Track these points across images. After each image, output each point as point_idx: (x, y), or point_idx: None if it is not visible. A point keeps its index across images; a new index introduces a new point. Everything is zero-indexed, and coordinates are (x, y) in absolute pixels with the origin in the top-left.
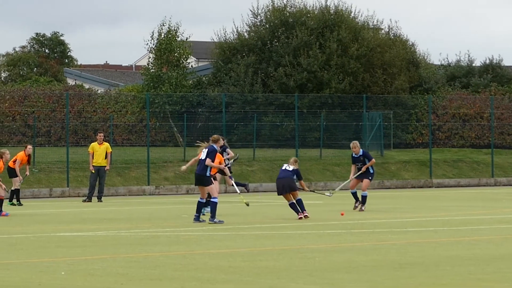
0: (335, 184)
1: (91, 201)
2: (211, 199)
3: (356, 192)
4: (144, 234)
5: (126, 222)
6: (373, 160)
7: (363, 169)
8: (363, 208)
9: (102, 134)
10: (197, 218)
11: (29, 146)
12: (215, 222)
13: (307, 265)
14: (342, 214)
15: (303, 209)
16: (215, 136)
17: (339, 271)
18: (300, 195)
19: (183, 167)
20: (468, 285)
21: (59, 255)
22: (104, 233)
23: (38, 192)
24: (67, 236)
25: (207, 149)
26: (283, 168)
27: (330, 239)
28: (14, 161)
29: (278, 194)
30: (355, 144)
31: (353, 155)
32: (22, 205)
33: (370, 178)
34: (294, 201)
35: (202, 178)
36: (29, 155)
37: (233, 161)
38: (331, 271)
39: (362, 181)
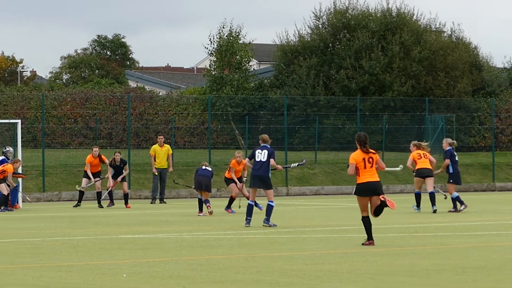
0: (397, 187)
1: (154, 203)
2: (270, 202)
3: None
4: (206, 237)
5: (188, 225)
6: (447, 160)
7: (442, 169)
8: (461, 208)
9: (162, 137)
10: (249, 222)
11: (95, 148)
12: (270, 226)
13: (369, 269)
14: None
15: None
16: (266, 136)
17: (401, 275)
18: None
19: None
20: None
21: (121, 257)
22: (166, 235)
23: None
24: (129, 238)
25: (266, 150)
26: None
27: (392, 242)
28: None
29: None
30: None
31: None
32: (102, 207)
33: (450, 180)
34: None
35: (266, 180)
36: (99, 156)
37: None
38: (393, 274)
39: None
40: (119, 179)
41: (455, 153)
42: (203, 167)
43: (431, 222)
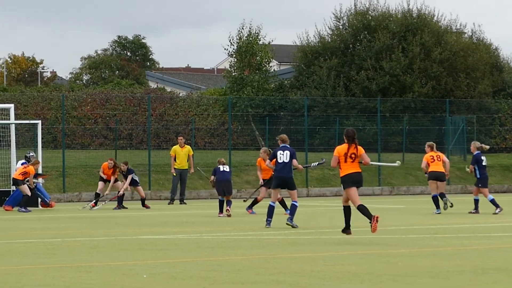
0: (417, 188)
1: (172, 204)
2: (294, 202)
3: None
4: (226, 238)
5: (208, 225)
6: (471, 167)
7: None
8: (497, 211)
9: (182, 138)
10: (269, 223)
11: (110, 161)
12: (293, 226)
13: (390, 270)
14: None
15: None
16: (285, 136)
17: (423, 276)
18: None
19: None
20: None
21: (141, 258)
22: (186, 236)
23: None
24: (149, 239)
25: (287, 151)
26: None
27: (413, 243)
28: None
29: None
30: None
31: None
32: (126, 208)
33: (479, 184)
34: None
35: (290, 181)
36: (114, 167)
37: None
38: (414, 276)
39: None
40: (121, 192)
41: (483, 158)
42: (221, 169)
43: (451, 223)
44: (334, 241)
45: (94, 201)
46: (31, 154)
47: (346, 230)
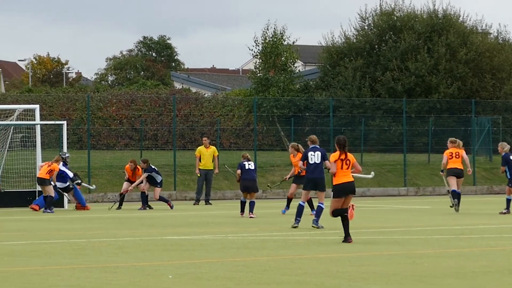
0: (443, 189)
1: (197, 204)
2: (320, 204)
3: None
4: (252, 238)
5: (233, 226)
6: (502, 168)
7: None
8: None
9: (206, 138)
10: (298, 222)
11: (130, 163)
12: (318, 227)
13: (416, 271)
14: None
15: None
16: (314, 136)
17: (449, 277)
18: None
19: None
20: None
21: (166, 259)
22: (211, 236)
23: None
24: (175, 239)
25: (318, 152)
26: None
27: (438, 244)
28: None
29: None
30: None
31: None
32: (152, 208)
33: (509, 184)
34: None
35: (321, 182)
36: (134, 169)
37: None
38: (440, 276)
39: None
40: (132, 187)
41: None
42: (246, 166)
43: (477, 224)
44: (359, 242)
45: (118, 202)
46: (67, 155)
47: (346, 238)
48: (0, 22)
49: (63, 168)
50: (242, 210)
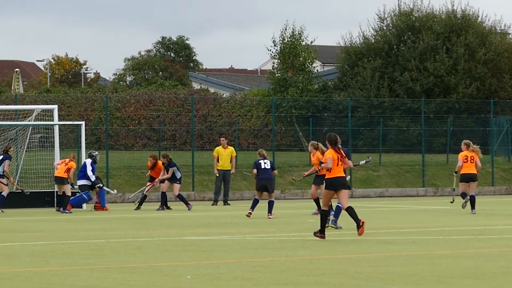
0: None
1: (216, 205)
2: (339, 205)
3: None
4: (270, 239)
5: (251, 227)
6: None
7: None
8: None
9: (224, 138)
10: (334, 222)
11: (150, 158)
12: (336, 227)
13: (434, 271)
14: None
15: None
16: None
17: (467, 277)
18: None
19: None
20: None
21: (184, 259)
22: (229, 237)
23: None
24: (193, 240)
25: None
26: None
27: (457, 245)
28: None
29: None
30: None
31: None
32: (170, 208)
33: None
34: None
35: (346, 182)
36: (154, 163)
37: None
38: (459, 277)
39: None
40: (158, 180)
41: None
42: (263, 166)
43: (496, 225)
44: (378, 242)
45: (138, 203)
46: (96, 153)
47: (321, 234)
48: (19, 23)
49: (90, 168)
50: (253, 208)
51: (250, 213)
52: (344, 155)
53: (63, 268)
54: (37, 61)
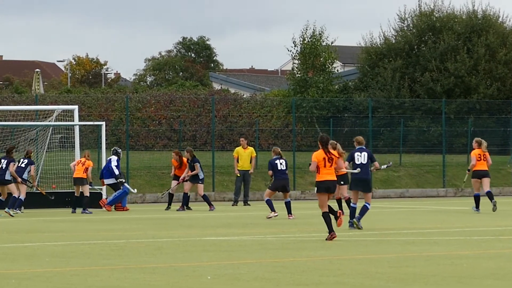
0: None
1: (236, 205)
2: (366, 204)
3: None
4: (291, 239)
5: (272, 227)
6: None
7: None
8: None
9: (243, 139)
10: (352, 224)
11: (173, 153)
12: (358, 226)
13: (455, 272)
14: None
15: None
16: (361, 137)
17: (488, 278)
18: None
19: None
20: None
21: (205, 260)
22: (250, 237)
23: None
24: (213, 240)
25: (365, 152)
26: None
27: (478, 245)
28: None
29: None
30: None
31: None
32: (191, 209)
33: None
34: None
35: (368, 182)
36: (180, 160)
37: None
38: (480, 278)
39: None
40: (180, 180)
41: None
42: (279, 167)
43: None
44: (398, 243)
45: (167, 203)
46: (120, 150)
47: (330, 233)
48: (39, 24)
49: (115, 164)
50: (274, 209)
51: (276, 214)
52: (337, 157)
53: (84, 268)
54: (58, 61)
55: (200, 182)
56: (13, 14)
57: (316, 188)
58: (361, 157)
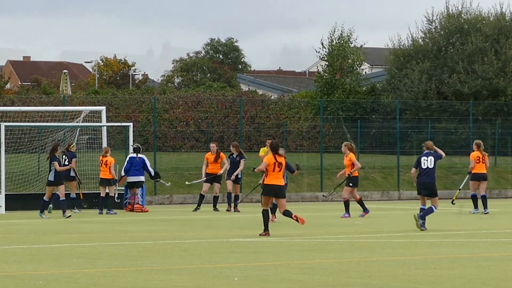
0: (510, 191)
1: None
2: (433, 207)
3: None
4: (318, 241)
5: (299, 229)
6: None
7: None
8: None
9: (269, 140)
10: (423, 225)
11: (212, 144)
12: (422, 226)
13: (482, 274)
14: None
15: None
16: (430, 142)
17: None
18: None
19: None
20: None
21: (232, 261)
22: (277, 239)
23: (211, 198)
24: (240, 241)
25: (431, 157)
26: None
27: (505, 247)
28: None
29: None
30: None
31: None
32: (218, 210)
33: None
34: None
35: (433, 186)
36: (217, 154)
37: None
38: (506, 280)
39: None
40: (233, 177)
41: None
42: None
43: None
44: (425, 245)
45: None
46: (137, 145)
47: (265, 232)
48: (67, 25)
49: (149, 163)
50: (274, 213)
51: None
52: (284, 163)
53: (111, 269)
54: (85, 62)
55: (239, 182)
56: (40, 15)
57: (262, 190)
58: (427, 161)
